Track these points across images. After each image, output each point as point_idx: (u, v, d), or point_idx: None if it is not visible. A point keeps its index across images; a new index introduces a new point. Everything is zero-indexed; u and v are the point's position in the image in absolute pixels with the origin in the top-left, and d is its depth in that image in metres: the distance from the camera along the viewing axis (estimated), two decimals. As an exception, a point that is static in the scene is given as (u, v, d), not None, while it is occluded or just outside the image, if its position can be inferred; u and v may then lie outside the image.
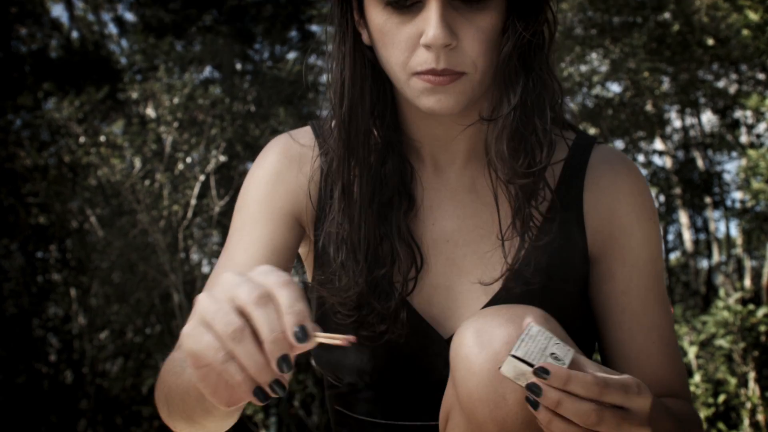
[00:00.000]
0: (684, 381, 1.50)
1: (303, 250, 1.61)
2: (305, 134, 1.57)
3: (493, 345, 1.18)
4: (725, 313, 8.04)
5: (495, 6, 1.32)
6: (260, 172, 1.54)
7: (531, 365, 1.09)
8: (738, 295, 8.63)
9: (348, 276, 1.42)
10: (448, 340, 1.39)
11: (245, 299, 0.97)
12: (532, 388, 1.09)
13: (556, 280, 1.43)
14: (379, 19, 1.34)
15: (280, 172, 1.53)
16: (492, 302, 1.41)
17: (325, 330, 1.40)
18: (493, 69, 1.36)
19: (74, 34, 15.99)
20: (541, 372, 1.08)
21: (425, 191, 1.50)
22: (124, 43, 15.87)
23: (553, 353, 1.12)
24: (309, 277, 1.61)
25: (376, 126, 1.44)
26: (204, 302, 0.99)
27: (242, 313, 0.97)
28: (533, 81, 1.36)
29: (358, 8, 1.40)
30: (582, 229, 1.47)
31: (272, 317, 0.96)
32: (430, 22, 1.28)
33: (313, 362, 1.58)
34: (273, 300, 0.97)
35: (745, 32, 8.20)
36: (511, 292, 1.41)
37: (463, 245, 1.47)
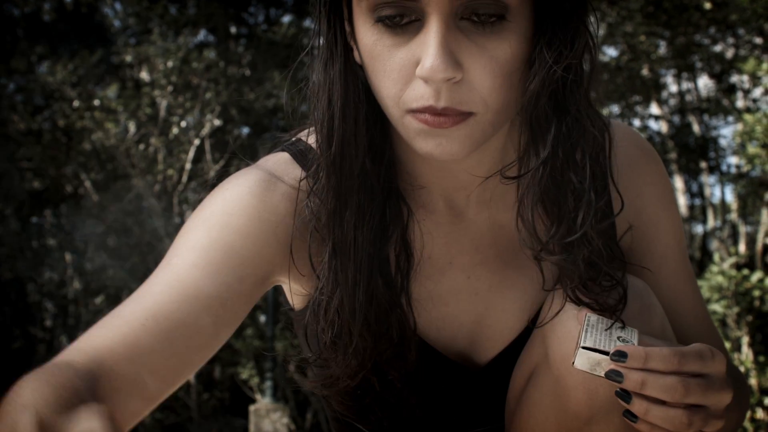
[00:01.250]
0: (725, 351, 1.44)
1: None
2: (289, 168, 1.22)
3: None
4: (719, 278, 8.06)
5: (515, 29, 1.04)
6: (244, 198, 1.18)
7: (605, 352, 1.04)
8: (732, 260, 8.65)
9: (339, 360, 1.18)
10: (478, 373, 1.29)
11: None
12: (611, 375, 1.02)
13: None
14: (368, 39, 1.06)
15: (272, 211, 1.19)
16: (524, 333, 1.26)
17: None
18: (512, 110, 1.09)
19: (67, -3, 15.91)
20: (619, 356, 1.02)
21: (439, 228, 1.25)
22: (117, 6, 15.76)
23: (619, 336, 1.08)
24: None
25: (373, 166, 1.15)
26: None
27: None
28: (567, 126, 1.08)
29: (349, 18, 1.11)
30: (612, 227, 1.28)
31: None
32: (428, 49, 1.01)
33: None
34: None
35: (743, -4, 8.15)
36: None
37: (487, 278, 1.27)
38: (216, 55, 11.88)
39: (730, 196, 15.01)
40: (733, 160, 14.17)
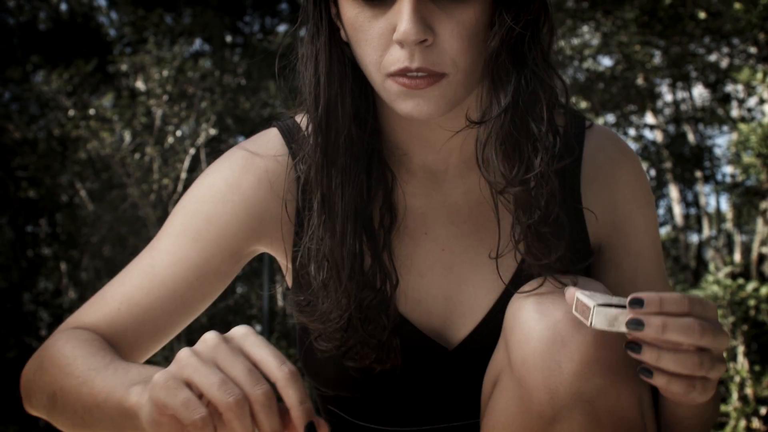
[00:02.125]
0: None
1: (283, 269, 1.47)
2: (272, 142, 1.39)
3: (554, 314, 1.16)
4: (715, 288, 8.07)
5: None
6: (217, 183, 1.36)
7: (620, 306, 1.07)
8: (728, 269, 8.67)
9: (330, 297, 1.28)
10: (452, 352, 1.36)
11: (249, 390, 0.93)
12: (633, 324, 1.05)
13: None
14: (350, 12, 1.20)
15: (242, 193, 1.35)
16: (494, 309, 1.34)
17: (310, 366, 1.40)
18: (480, 68, 1.21)
19: (63, 6, 15.89)
20: (635, 303, 1.05)
21: (413, 199, 1.36)
22: (113, 15, 15.78)
23: (633, 296, 1.09)
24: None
25: (358, 131, 1.28)
26: (192, 361, 0.96)
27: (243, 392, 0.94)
28: (526, 79, 1.21)
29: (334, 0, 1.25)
30: (582, 222, 1.38)
31: (275, 419, 0.94)
32: (402, 16, 1.13)
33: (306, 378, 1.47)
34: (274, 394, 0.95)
35: (737, 6, 8.18)
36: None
37: (461, 252, 1.37)
38: (211, 64, 11.89)
39: (725, 206, 15.05)
40: (728, 169, 14.20)
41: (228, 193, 1.35)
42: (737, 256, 12.44)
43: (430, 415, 1.40)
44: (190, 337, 9.89)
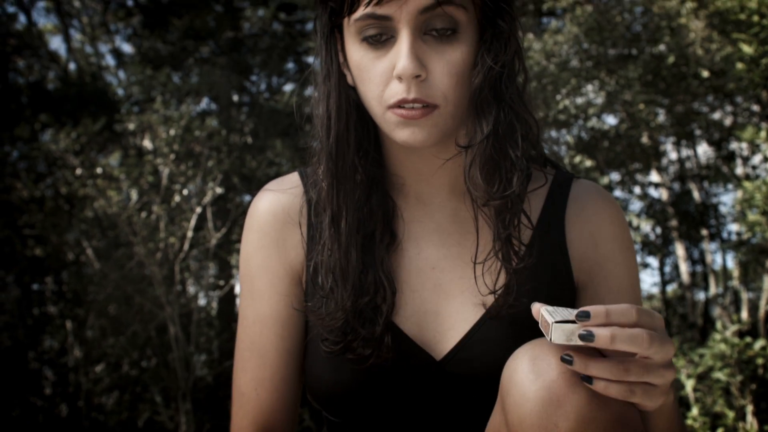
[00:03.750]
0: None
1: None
2: (289, 179, 1.64)
3: (549, 374, 1.20)
4: (722, 346, 8.02)
5: (465, 40, 1.39)
6: (253, 236, 1.61)
7: (574, 322, 1.16)
8: (735, 327, 8.62)
9: (335, 302, 1.47)
10: (440, 362, 1.48)
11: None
12: (585, 337, 1.14)
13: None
14: (356, 55, 1.41)
15: (271, 233, 1.59)
16: (477, 325, 1.48)
17: (312, 372, 1.59)
18: (466, 102, 1.42)
19: (72, 66, 16.06)
20: (582, 316, 1.14)
21: (409, 224, 1.56)
22: (121, 74, 15.94)
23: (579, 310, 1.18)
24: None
25: (361, 162, 1.50)
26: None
27: None
28: (504, 111, 1.42)
29: (342, 49, 1.48)
30: (566, 257, 1.54)
31: None
32: (401, 55, 1.35)
33: (309, 397, 1.62)
34: None
35: (740, 66, 8.24)
36: (497, 315, 1.48)
37: (449, 271, 1.53)
38: (218, 124, 11.96)
39: (731, 263, 15.02)
40: (734, 227, 14.20)
41: (258, 240, 1.59)
42: (744, 314, 12.40)
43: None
44: (195, 395, 9.86)
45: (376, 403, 1.51)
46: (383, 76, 1.39)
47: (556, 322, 1.16)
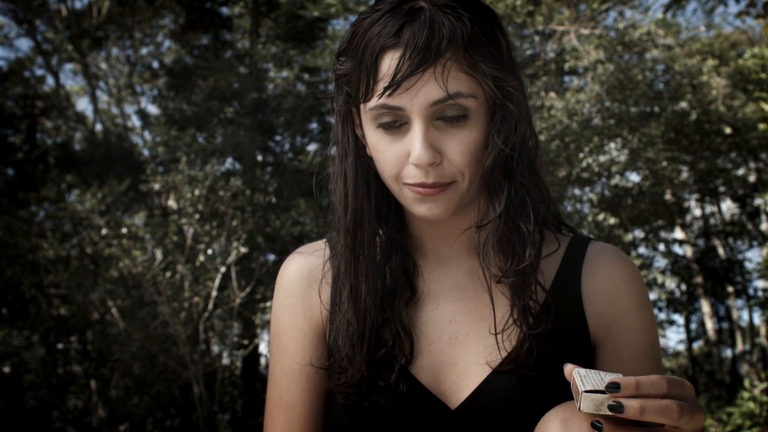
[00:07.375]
0: None
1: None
2: (316, 243, 1.71)
3: None
4: (751, 404, 7.94)
5: (475, 123, 1.42)
6: (281, 295, 1.68)
7: (604, 392, 1.16)
8: (763, 385, 8.53)
9: (353, 366, 1.52)
10: (455, 411, 1.50)
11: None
12: (614, 408, 1.15)
13: (555, 364, 1.48)
14: (372, 138, 1.46)
15: (297, 291, 1.66)
16: (492, 374, 1.51)
17: (329, 404, 1.65)
18: (480, 176, 1.46)
19: (98, 127, 16.25)
20: (613, 387, 1.15)
21: (428, 281, 1.60)
22: (146, 135, 16.10)
23: (610, 380, 1.19)
24: None
25: (382, 227, 1.56)
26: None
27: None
28: (516, 188, 1.46)
29: (360, 125, 1.51)
30: (582, 316, 1.56)
31: None
32: (415, 144, 1.40)
33: None
34: None
35: (762, 126, 8.25)
36: (510, 373, 1.50)
37: (466, 324, 1.56)
38: (242, 183, 12.05)
39: (758, 320, 14.89)
40: (760, 283, 14.10)
41: (285, 298, 1.66)
42: (772, 372, 12.25)
43: None
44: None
45: None
46: (399, 159, 1.43)
47: (586, 391, 1.17)
